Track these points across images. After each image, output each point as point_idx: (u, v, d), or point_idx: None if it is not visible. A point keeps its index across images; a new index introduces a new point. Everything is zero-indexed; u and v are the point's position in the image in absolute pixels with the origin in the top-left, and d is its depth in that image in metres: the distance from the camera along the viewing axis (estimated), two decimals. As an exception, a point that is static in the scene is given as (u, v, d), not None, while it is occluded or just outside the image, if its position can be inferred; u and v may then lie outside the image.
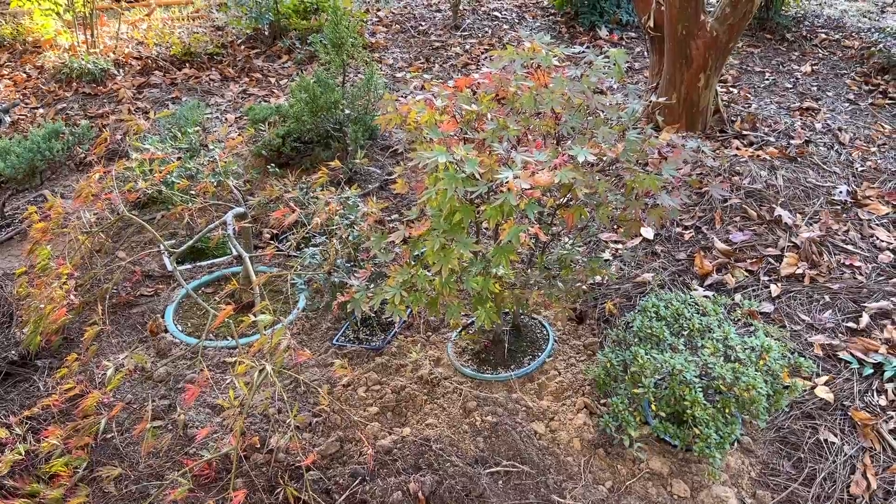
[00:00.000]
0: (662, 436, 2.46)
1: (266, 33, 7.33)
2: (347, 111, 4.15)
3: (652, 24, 4.74)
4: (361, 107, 4.14)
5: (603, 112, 2.41)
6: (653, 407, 2.43)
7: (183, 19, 8.41)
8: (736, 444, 2.57)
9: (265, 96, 6.09)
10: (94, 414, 2.45)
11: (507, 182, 2.00)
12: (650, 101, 4.57)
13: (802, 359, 2.50)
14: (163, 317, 3.32)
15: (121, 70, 6.50)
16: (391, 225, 3.89)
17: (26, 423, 2.64)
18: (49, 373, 3.02)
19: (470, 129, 2.46)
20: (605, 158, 2.18)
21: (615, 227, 3.78)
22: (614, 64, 2.49)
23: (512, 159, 2.09)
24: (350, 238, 2.88)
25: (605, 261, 3.61)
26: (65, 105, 5.84)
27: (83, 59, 6.32)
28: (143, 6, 9.01)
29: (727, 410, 2.37)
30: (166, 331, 3.23)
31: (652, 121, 4.47)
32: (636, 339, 2.67)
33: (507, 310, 2.95)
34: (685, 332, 2.66)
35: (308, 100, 3.93)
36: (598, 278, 3.33)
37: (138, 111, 5.68)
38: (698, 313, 2.75)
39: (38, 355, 3.09)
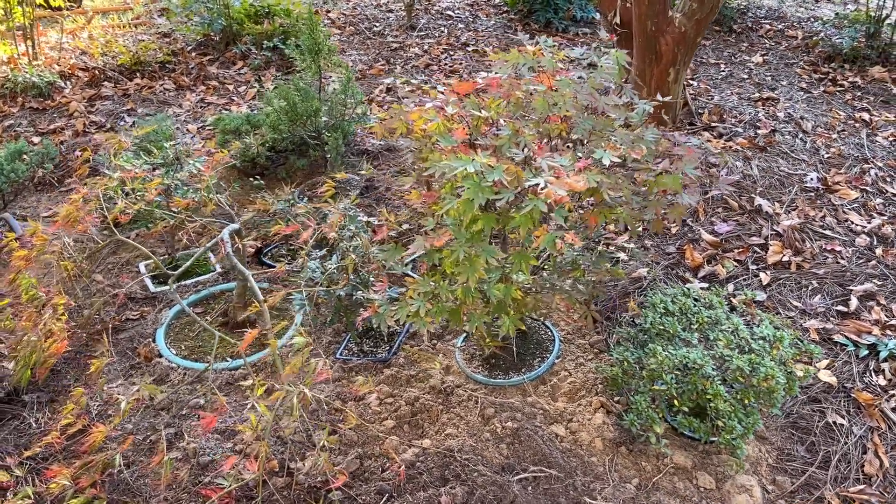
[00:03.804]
0: (686, 431, 2.49)
1: (217, 39, 7.12)
2: (325, 118, 4.06)
3: (619, 21, 4.81)
4: (339, 114, 4.06)
5: (612, 113, 2.43)
6: (675, 402, 2.46)
7: (124, 26, 8.09)
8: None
9: (225, 104, 5.92)
10: (102, 449, 2.33)
11: (538, 188, 1.99)
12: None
13: (813, 346, 2.57)
14: (154, 341, 3.19)
15: (68, 82, 6.22)
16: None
17: (26, 464, 2.50)
18: (38, 408, 2.86)
19: (479, 135, 2.43)
20: (627, 160, 2.19)
21: (624, 227, 3.80)
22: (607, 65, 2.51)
23: (538, 166, 2.08)
24: (353, 250, 2.82)
25: (616, 259, 3.63)
26: (12, 122, 5.54)
27: (27, 72, 6.01)
28: (78, 13, 8.64)
29: (746, 401, 2.42)
30: (160, 355, 3.11)
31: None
32: (647, 337, 2.70)
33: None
34: (694, 326, 2.70)
35: (287, 108, 3.83)
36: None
37: (93, 125, 5.44)
38: (705, 307, 2.80)
39: (24, 390, 2.93)
